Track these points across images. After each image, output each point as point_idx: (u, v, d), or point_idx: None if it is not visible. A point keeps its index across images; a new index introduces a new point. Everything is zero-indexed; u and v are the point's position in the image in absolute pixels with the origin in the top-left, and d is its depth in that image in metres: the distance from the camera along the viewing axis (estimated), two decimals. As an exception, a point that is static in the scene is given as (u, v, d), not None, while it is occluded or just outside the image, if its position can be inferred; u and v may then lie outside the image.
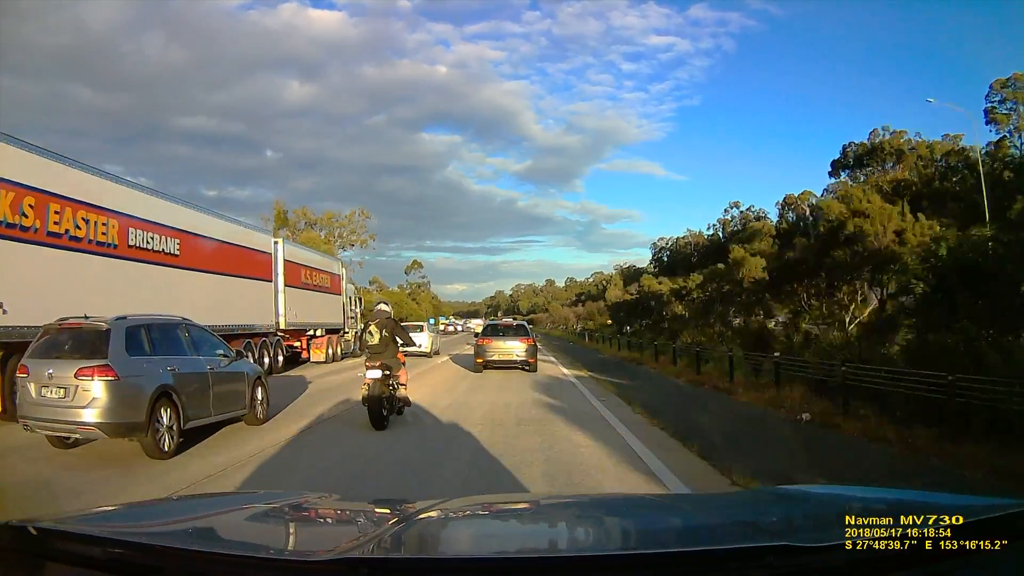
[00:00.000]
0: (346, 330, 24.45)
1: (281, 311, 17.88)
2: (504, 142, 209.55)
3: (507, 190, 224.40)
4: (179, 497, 4.52)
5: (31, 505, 5.06)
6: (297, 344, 19.98)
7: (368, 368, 8.36)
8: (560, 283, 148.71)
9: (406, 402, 9.08)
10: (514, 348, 16.71)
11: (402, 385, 8.90)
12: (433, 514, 1.81)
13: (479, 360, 16.71)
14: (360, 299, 28.54)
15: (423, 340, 23.10)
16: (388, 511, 1.87)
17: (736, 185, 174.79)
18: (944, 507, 1.42)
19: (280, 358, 17.49)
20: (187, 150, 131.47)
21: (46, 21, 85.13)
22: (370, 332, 8.81)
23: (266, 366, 15.64)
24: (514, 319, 24.82)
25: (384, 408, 8.31)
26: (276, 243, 18.56)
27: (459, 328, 76.94)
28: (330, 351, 21.42)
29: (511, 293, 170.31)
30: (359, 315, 26.31)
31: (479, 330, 22.42)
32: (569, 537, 1.79)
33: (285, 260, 18.20)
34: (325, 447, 7.40)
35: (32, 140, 10.41)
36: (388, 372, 8.45)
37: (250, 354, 14.58)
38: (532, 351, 16.81)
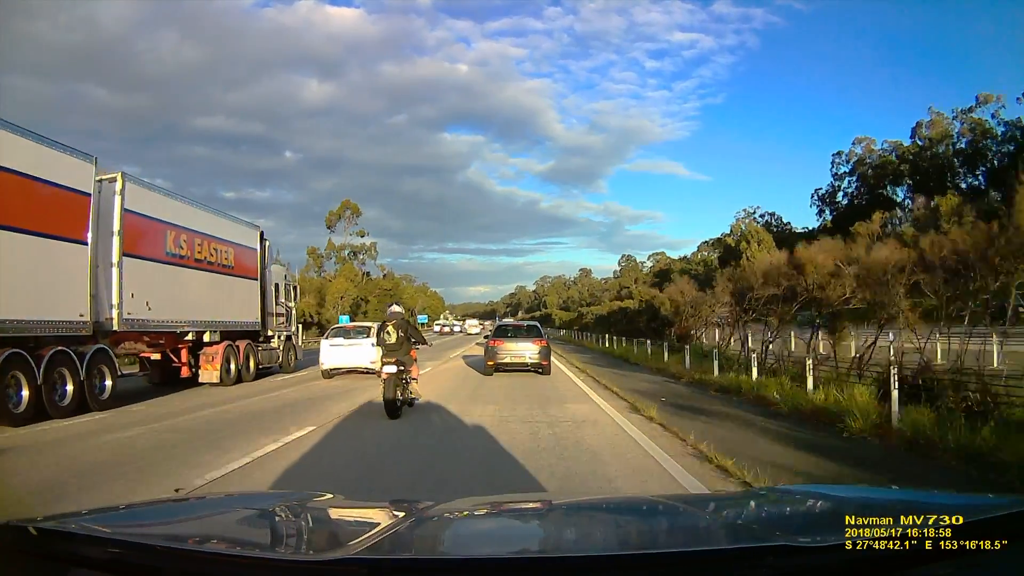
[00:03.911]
0: (270, 333, 17.24)
1: (114, 299, 10.82)
2: (527, 142, 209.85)
3: (530, 191, 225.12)
4: (180, 497, 4.52)
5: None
6: (159, 355, 13.33)
7: (385, 364, 9.40)
8: (599, 276, 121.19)
9: (417, 395, 10.14)
10: (526, 350, 16.43)
11: (414, 380, 9.95)
12: (436, 514, 1.81)
13: (490, 363, 16.47)
14: (296, 288, 20.75)
15: (366, 353, 15.42)
16: (392, 511, 1.87)
17: (758, 185, 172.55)
18: (944, 507, 1.42)
19: (107, 383, 10.68)
20: (205, 151, 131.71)
21: (57, 19, 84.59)
22: (388, 332, 9.72)
23: (66, 398, 9.68)
24: (528, 318, 23.50)
25: (398, 400, 9.28)
26: (109, 181, 11.06)
27: (456, 329, 75.96)
28: (232, 366, 14.56)
29: (535, 288, 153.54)
30: (294, 312, 19.48)
31: (472, 331, 21.98)
32: (571, 538, 1.79)
33: (126, 211, 11.16)
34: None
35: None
36: (403, 368, 9.48)
37: (23, 377, 8.87)
38: (545, 353, 16.54)
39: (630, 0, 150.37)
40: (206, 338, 14.07)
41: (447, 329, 72.44)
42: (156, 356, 13.28)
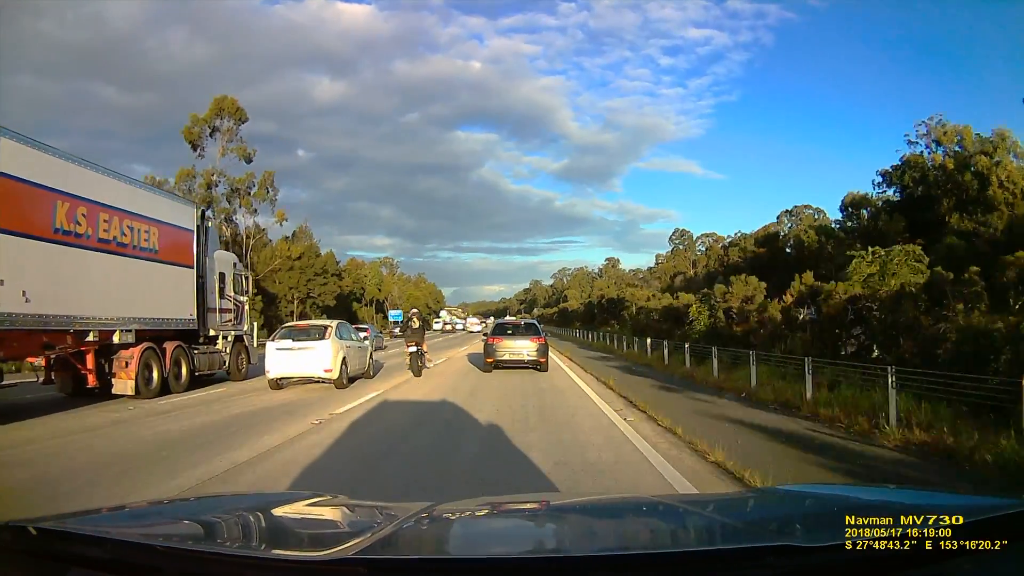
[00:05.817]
0: (213, 332, 14.36)
1: None
2: (540, 140, 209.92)
3: (544, 190, 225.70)
4: (180, 497, 4.53)
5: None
6: (44, 361, 10.93)
7: (409, 345, 16.18)
8: (627, 266, 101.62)
9: (429, 362, 17.68)
10: (524, 347, 16.68)
11: (425, 353, 16.77)
12: (437, 514, 1.81)
13: (489, 360, 16.72)
14: (249, 279, 17.45)
15: (320, 358, 12.59)
16: (392, 511, 1.87)
17: (771, 184, 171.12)
18: (944, 507, 1.42)
19: None
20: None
21: (64, 16, 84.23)
22: (412, 321, 16.66)
23: None
24: (555, 312, 22.65)
25: (419, 365, 15.89)
26: None
27: (459, 327, 75.68)
28: (153, 374, 11.76)
29: (552, 283, 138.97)
30: (246, 307, 16.48)
31: (472, 329, 22.16)
32: (571, 538, 1.79)
33: (3, 176, 8.65)
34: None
35: (55, 141, 8.83)
36: (419, 346, 16.00)
37: None
38: (543, 350, 16.78)
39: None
40: (116, 339, 11.06)
41: (449, 327, 71.43)
42: (41, 362, 10.79)
